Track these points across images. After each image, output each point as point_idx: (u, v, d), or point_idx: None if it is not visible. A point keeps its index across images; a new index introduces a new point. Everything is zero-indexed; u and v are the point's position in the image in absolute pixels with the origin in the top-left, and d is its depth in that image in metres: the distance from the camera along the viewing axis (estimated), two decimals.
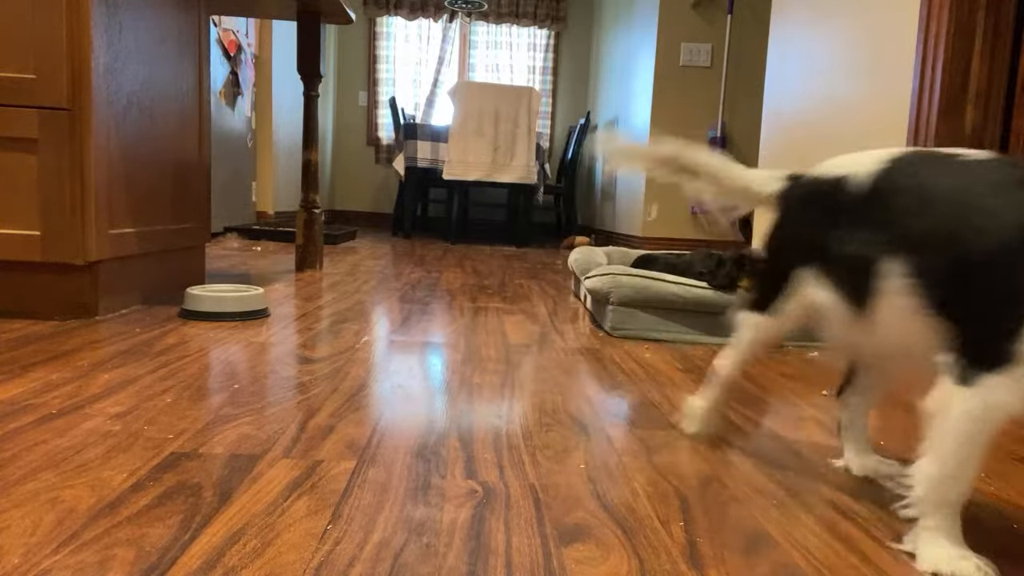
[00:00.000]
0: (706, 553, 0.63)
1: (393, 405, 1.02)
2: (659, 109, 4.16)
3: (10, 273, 1.45)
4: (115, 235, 1.53)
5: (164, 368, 1.14)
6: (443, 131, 4.60)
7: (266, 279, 2.28)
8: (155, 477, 0.72)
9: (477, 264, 3.27)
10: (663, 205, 4.23)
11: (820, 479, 0.83)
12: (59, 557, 0.56)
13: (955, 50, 1.64)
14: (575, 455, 0.86)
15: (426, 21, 6.19)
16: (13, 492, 0.67)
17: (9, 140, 1.40)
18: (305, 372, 1.17)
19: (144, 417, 0.90)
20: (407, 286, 2.34)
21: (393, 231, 5.26)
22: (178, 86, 1.83)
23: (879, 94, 1.89)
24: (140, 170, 1.65)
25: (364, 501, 0.69)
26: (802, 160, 2.30)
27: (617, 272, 1.70)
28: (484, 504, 0.70)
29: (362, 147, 6.36)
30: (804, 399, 1.18)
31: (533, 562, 0.60)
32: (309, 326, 1.56)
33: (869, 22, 1.96)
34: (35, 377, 1.05)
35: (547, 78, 6.31)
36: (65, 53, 1.39)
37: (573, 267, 2.21)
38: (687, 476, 0.81)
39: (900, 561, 0.64)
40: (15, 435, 0.81)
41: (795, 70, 2.38)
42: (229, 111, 3.78)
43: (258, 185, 4.57)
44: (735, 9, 4.08)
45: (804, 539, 0.67)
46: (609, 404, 1.09)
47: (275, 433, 0.87)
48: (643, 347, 1.56)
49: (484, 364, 1.30)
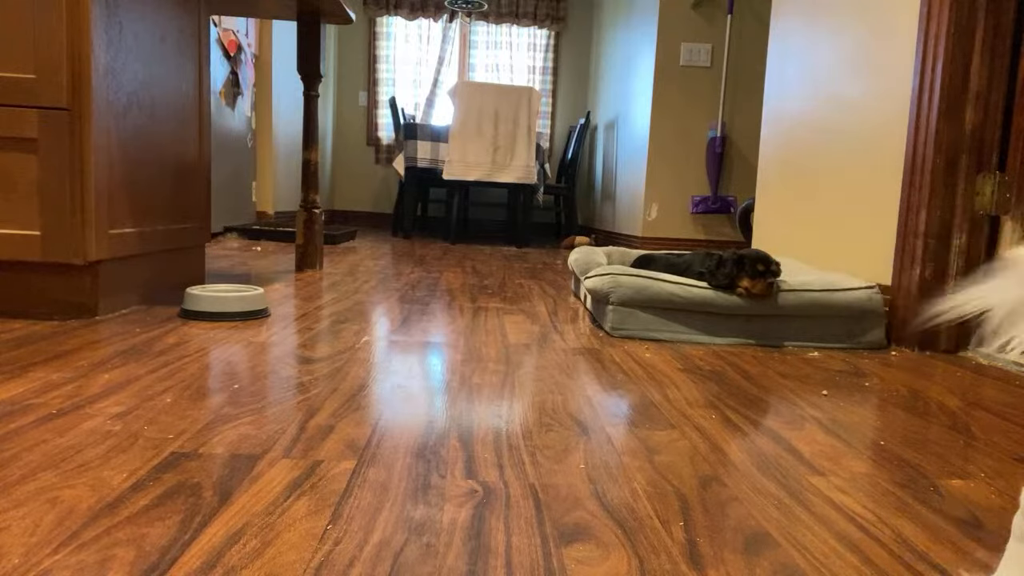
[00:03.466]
0: (706, 553, 0.63)
1: (393, 405, 1.02)
2: (659, 109, 4.16)
3: (10, 273, 1.45)
4: (115, 235, 1.53)
5: (164, 368, 1.14)
6: (443, 131, 4.59)
7: (266, 279, 2.28)
8: (155, 477, 0.72)
9: (477, 264, 3.27)
10: (663, 205, 4.23)
11: (820, 479, 0.83)
12: (59, 557, 0.56)
13: (955, 50, 1.64)
14: (575, 455, 0.86)
15: (426, 21, 6.19)
16: (13, 492, 0.67)
17: (9, 140, 1.40)
18: (305, 372, 1.17)
19: (144, 417, 0.90)
20: (407, 286, 2.34)
21: (393, 231, 5.26)
22: (178, 86, 1.83)
23: (879, 94, 1.89)
24: (140, 170, 1.65)
25: (364, 501, 0.69)
26: (802, 160, 2.30)
27: (617, 272, 1.70)
28: (484, 504, 0.70)
29: (362, 147, 6.36)
30: (804, 399, 1.18)
31: (533, 562, 0.60)
32: (309, 326, 1.56)
33: (869, 22, 1.96)
34: (35, 377, 1.05)
35: (547, 78, 6.31)
36: (65, 53, 1.39)
37: (573, 267, 2.21)
38: (687, 476, 0.81)
39: (900, 561, 0.64)
40: (15, 435, 0.81)
41: (795, 70, 2.38)
42: (229, 111, 3.78)
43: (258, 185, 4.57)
44: (735, 9, 4.08)
45: (804, 539, 0.67)
46: (609, 404, 1.09)
47: (275, 433, 0.87)
48: (643, 347, 1.56)
49: (484, 364, 1.30)
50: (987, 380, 1.41)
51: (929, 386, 1.33)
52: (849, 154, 2.03)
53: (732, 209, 4.18)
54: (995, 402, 1.24)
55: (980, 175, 1.67)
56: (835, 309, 1.65)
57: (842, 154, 2.06)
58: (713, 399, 1.15)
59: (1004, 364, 1.55)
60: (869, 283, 1.70)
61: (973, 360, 1.60)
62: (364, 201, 6.41)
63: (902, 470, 0.87)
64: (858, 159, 1.98)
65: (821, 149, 2.19)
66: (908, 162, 1.73)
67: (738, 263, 1.65)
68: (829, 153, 2.14)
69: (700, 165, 4.21)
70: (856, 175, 1.99)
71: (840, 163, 2.07)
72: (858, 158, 1.98)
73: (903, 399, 1.22)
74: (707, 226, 4.25)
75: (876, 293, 1.68)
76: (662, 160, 4.20)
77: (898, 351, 1.67)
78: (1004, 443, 1.00)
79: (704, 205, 4.18)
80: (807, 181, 2.27)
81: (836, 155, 2.10)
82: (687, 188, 4.22)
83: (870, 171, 1.92)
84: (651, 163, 4.20)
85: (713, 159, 4.15)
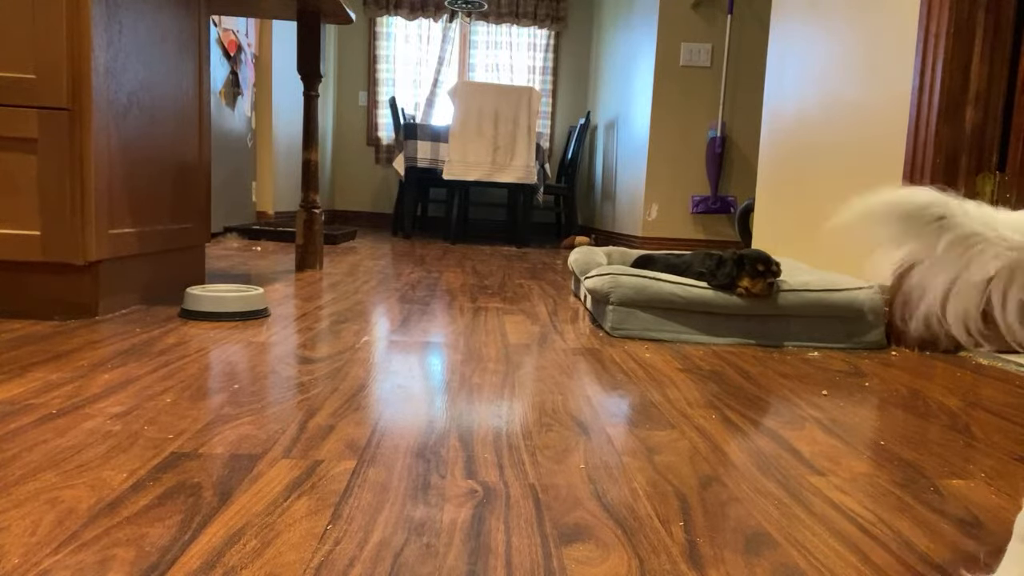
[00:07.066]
0: (706, 553, 0.63)
1: (393, 405, 1.02)
2: (659, 109, 4.16)
3: (10, 273, 1.45)
4: (115, 235, 1.53)
5: (164, 368, 1.14)
6: (443, 131, 4.59)
7: (266, 279, 2.28)
8: (155, 477, 0.72)
9: (477, 264, 3.27)
10: (663, 205, 4.23)
11: (820, 479, 0.83)
12: (59, 557, 0.56)
13: (955, 50, 1.64)
14: (575, 455, 0.86)
15: (426, 21, 6.19)
16: (13, 492, 0.67)
17: (9, 140, 1.40)
18: (305, 372, 1.17)
19: (144, 417, 0.90)
20: (407, 286, 2.34)
21: (393, 231, 5.26)
22: (178, 86, 1.83)
23: (879, 94, 1.89)
24: (140, 170, 1.65)
25: (364, 501, 0.69)
26: (802, 160, 2.30)
27: (617, 272, 1.70)
28: (484, 504, 0.70)
29: (362, 147, 6.36)
30: (804, 399, 1.18)
31: (533, 562, 0.60)
32: (309, 326, 1.56)
33: (869, 22, 1.96)
34: (35, 377, 1.05)
35: (547, 78, 6.31)
36: (65, 53, 1.39)
37: (573, 267, 2.21)
38: (687, 476, 0.81)
39: (900, 561, 0.64)
40: (15, 435, 0.81)
41: (795, 70, 2.38)
42: (229, 111, 3.78)
43: (258, 185, 4.57)
44: (735, 9, 4.08)
45: (804, 539, 0.67)
46: (609, 404, 1.09)
47: (275, 433, 0.87)
48: (643, 347, 1.56)
49: (484, 364, 1.30)
50: (987, 380, 1.41)
51: (929, 386, 1.33)
52: (849, 154, 2.03)
53: (732, 209, 4.18)
54: (995, 402, 1.24)
55: (980, 175, 1.67)
56: (835, 309, 1.65)
57: (842, 154, 2.06)
58: (713, 399, 1.15)
59: (1004, 364, 1.55)
60: (869, 283, 1.70)
61: (973, 360, 1.60)
62: (364, 201, 6.41)
63: (902, 470, 0.87)
64: (858, 159, 1.98)
65: (821, 149, 2.19)
66: (908, 162, 1.73)
67: (738, 263, 1.65)
68: (829, 153, 2.14)
69: (700, 165, 4.21)
70: (856, 175, 1.99)
71: (840, 163, 2.07)
72: (858, 158, 1.98)
73: (903, 399, 1.22)
74: (707, 226, 4.25)
75: (876, 293, 1.68)
76: (662, 160, 4.20)
77: (898, 351, 1.67)
78: (1004, 443, 1.00)
79: (704, 205, 4.18)
80: (807, 181, 2.27)
81: (836, 155, 2.10)
82: (687, 188, 4.22)
83: (870, 171, 1.92)
84: (651, 163, 4.20)
85: (713, 159, 4.15)
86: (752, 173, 4.14)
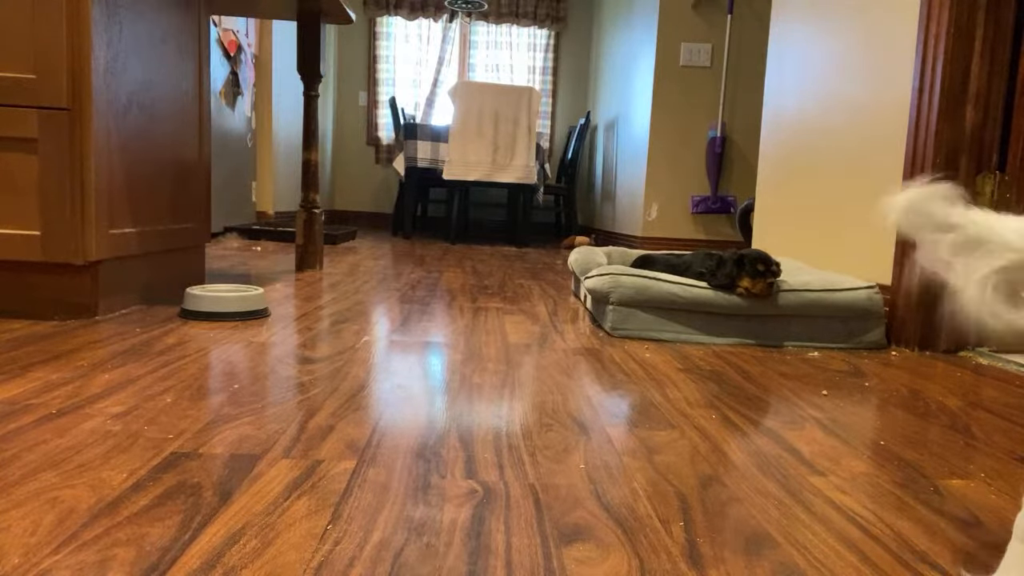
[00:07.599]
0: (706, 553, 0.63)
1: (393, 405, 1.02)
2: (659, 109, 4.16)
3: (10, 273, 1.45)
4: (115, 235, 1.53)
5: (164, 368, 1.14)
6: (443, 131, 4.59)
7: (266, 279, 2.28)
8: (155, 477, 0.72)
9: (477, 264, 3.27)
10: (663, 205, 4.23)
11: (820, 479, 0.83)
12: (59, 557, 0.56)
13: (955, 50, 1.64)
14: (575, 455, 0.86)
15: (426, 21, 6.19)
16: (13, 492, 0.67)
17: (9, 140, 1.40)
18: (305, 372, 1.17)
19: (144, 417, 0.90)
20: (407, 286, 2.34)
21: (393, 231, 5.26)
22: (178, 86, 1.83)
23: (879, 94, 1.89)
24: (140, 170, 1.65)
25: (364, 501, 0.69)
26: (802, 160, 2.30)
27: (617, 272, 1.70)
28: (484, 504, 0.70)
29: (362, 147, 6.36)
30: (804, 399, 1.18)
31: (533, 562, 0.60)
32: (309, 326, 1.56)
33: (869, 22, 1.96)
34: (35, 377, 1.05)
35: (547, 78, 6.31)
36: (65, 53, 1.39)
37: (573, 267, 2.21)
38: (687, 476, 0.81)
39: (900, 561, 0.64)
40: (15, 435, 0.81)
41: (795, 70, 2.38)
42: (229, 111, 3.78)
43: (258, 185, 4.57)
44: (735, 9, 4.08)
45: (804, 539, 0.67)
46: (609, 404, 1.09)
47: (275, 433, 0.87)
48: (643, 347, 1.56)
49: (484, 364, 1.30)
50: (987, 380, 1.41)
51: (929, 386, 1.33)
52: (849, 154, 2.03)
53: (732, 209, 4.18)
54: (995, 402, 1.24)
55: (980, 175, 1.67)
56: (835, 309, 1.65)
57: (842, 154, 2.06)
58: (713, 399, 1.15)
59: (1004, 364, 1.55)
60: (869, 283, 1.70)
61: (973, 360, 1.60)
62: (364, 201, 6.41)
63: (902, 470, 0.87)
64: (858, 159, 1.98)
65: (821, 149, 2.19)
66: (908, 162, 1.73)
67: (738, 263, 1.65)
68: (829, 153, 2.14)
69: (700, 165, 4.21)
70: (856, 175, 1.99)
71: (840, 163, 2.07)
72: (858, 158, 1.98)
73: (903, 399, 1.22)
74: (707, 226, 4.25)
75: (876, 293, 1.68)
76: (662, 160, 4.20)
77: (898, 351, 1.67)
78: (1004, 443, 1.00)
79: (704, 205, 4.18)
80: (807, 181, 2.27)
81: (836, 155, 2.10)
82: (687, 188, 4.22)
83: (870, 171, 1.92)
84: (651, 163, 4.20)
85: (713, 159, 4.15)
86: (752, 173, 4.13)
